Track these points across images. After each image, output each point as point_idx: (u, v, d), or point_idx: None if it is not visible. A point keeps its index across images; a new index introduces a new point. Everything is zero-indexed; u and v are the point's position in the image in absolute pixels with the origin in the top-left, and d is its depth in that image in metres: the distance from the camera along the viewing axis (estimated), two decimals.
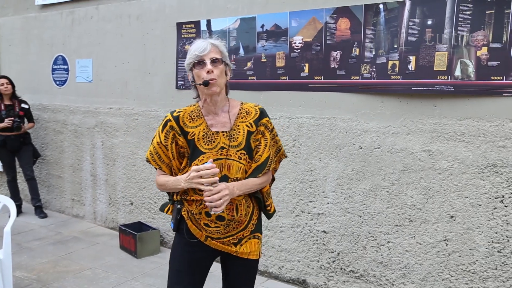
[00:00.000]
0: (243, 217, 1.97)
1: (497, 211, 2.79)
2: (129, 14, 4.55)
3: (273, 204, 2.14)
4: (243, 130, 1.97)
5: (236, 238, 1.99)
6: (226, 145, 1.93)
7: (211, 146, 1.92)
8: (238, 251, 2.01)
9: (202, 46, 1.87)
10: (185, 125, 1.96)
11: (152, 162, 2.02)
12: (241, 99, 3.98)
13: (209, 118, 1.97)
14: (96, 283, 3.61)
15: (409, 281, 3.12)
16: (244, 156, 1.94)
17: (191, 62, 1.90)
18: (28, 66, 5.64)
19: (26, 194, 5.69)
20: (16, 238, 4.50)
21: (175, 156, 1.97)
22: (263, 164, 1.97)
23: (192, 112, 2.00)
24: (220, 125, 1.97)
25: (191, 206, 1.95)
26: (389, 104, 3.13)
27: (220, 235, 1.96)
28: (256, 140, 1.99)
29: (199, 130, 1.95)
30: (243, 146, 1.94)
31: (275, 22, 3.54)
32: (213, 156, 1.90)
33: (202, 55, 1.87)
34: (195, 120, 1.97)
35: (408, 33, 2.97)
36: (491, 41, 2.71)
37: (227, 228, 1.95)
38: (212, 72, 1.86)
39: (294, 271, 3.65)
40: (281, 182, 3.63)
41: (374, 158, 3.20)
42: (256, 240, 2.05)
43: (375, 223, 3.23)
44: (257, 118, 2.01)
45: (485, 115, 2.80)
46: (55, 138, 5.45)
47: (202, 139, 1.93)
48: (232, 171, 1.92)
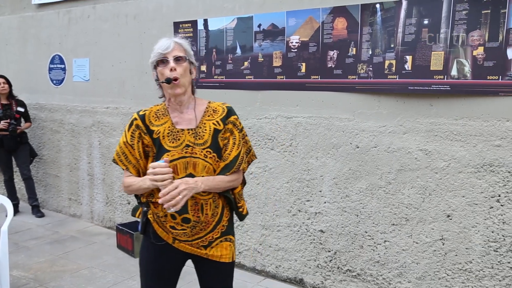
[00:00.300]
0: (209, 218, 1.92)
1: (493, 210, 2.80)
2: (126, 13, 4.55)
3: (245, 206, 2.10)
4: (209, 128, 1.93)
5: (205, 240, 1.95)
6: (191, 143, 1.90)
7: (176, 144, 1.89)
8: (209, 254, 1.97)
9: (166, 44, 1.88)
10: (150, 124, 1.94)
11: (119, 163, 1.97)
12: (238, 99, 4.02)
13: (174, 116, 1.95)
14: (93, 283, 3.61)
15: (406, 280, 3.13)
16: (211, 154, 1.91)
17: (155, 60, 1.89)
18: (25, 66, 5.63)
19: (23, 194, 5.68)
20: (13, 237, 4.50)
21: (141, 156, 1.94)
22: (231, 163, 1.93)
23: (158, 111, 1.97)
24: (186, 122, 1.94)
25: (157, 208, 1.92)
26: (386, 103, 3.13)
27: (188, 237, 1.93)
28: (225, 139, 1.96)
29: (164, 128, 1.92)
30: (209, 144, 1.91)
31: (272, 22, 3.55)
32: (178, 154, 1.87)
33: (165, 53, 1.87)
34: (161, 118, 1.95)
35: (405, 32, 2.97)
36: (487, 40, 2.72)
37: (194, 230, 1.91)
38: (175, 70, 1.85)
39: (291, 270, 3.65)
40: (278, 181, 3.64)
41: (371, 158, 3.21)
42: (227, 243, 2.01)
43: (372, 222, 3.24)
44: (225, 116, 1.98)
45: (481, 115, 2.81)
46: (52, 138, 5.44)
47: (167, 136, 1.90)
48: (197, 170, 1.88)
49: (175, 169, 1.86)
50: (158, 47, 1.89)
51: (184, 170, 1.87)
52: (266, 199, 3.72)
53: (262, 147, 3.71)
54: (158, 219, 1.94)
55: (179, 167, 1.87)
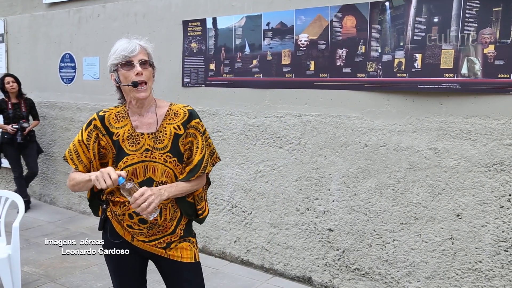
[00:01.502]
0: (167, 222, 1.91)
1: (504, 209, 2.78)
2: (136, 12, 4.57)
3: (207, 207, 2.07)
4: (169, 132, 1.91)
5: (163, 242, 1.94)
6: (150, 147, 1.87)
7: (135, 147, 1.87)
8: (169, 253, 1.95)
9: (130, 47, 1.81)
10: (110, 125, 1.91)
11: (69, 161, 1.93)
12: (247, 97, 4.03)
13: (134, 119, 1.92)
14: (103, 279, 3.64)
15: (415, 279, 3.12)
16: (171, 159, 1.89)
17: (118, 63, 1.82)
18: (36, 64, 5.69)
19: (35, 191, 5.75)
20: (24, 233, 4.55)
21: (96, 157, 1.91)
22: (196, 167, 1.91)
23: (118, 113, 1.94)
24: (146, 126, 1.91)
25: (116, 207, 1.91)
26: (395, 102, 3.12)
27: (145, 237, 1.92)
28: (186, 143, 1.93)
29: (123, 131, 1.89)
30: (169, 148, 1.89)
31: (281, 20, 3.54)
32: (138, 158, 1.86)
33: (131, 56, 1.81)
34: (121, 121, 1.92)
35: (414, 30, 2.96)
36: (498, 38, 2.69)
37: (150, 231, 1.90)
38: (142, 74, 1.81)
39: (299, 268, 3.65)
40: (286, 179, 3.64)
41: (379, 156, 3.20)
42: (187, 244, 1.99)
43: (381, 221, 3.23)
44: (186, 120, 1.93)
45: (491, 113, 2.78)
46: (62, 135, 5.49)
47: (127, 140, 1.88)
48: (157, 174, 1.87)
49: (134, 173, 1.85)
50: (122, 49, 1.81)
51: (143, 174, 1.87)
52: (275, 197, 3.72)
53: (270, 146, 3.71)
54: (116, 217, 1.93)
55: (138, 171, 1.87)
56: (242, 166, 3.90)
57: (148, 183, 1.86)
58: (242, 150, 3.89)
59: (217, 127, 4.03)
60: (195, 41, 4.07)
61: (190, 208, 2.00)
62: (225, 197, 4.03)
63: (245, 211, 3.92)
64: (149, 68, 1.87)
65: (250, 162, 3.85)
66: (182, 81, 4.21)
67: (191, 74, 4.13)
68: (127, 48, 1.81)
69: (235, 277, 3.73)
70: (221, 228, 4.08)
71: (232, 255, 4.03)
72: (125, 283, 2.03)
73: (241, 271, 3.85)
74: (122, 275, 2.01)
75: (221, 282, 3.66)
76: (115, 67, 1.84)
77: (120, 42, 1.86)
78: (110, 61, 1.85)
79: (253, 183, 3.84)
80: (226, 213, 4.04)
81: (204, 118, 4.09)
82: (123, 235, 1.95)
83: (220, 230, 4.09)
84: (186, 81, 4.18)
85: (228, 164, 3.97)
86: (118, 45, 1.85)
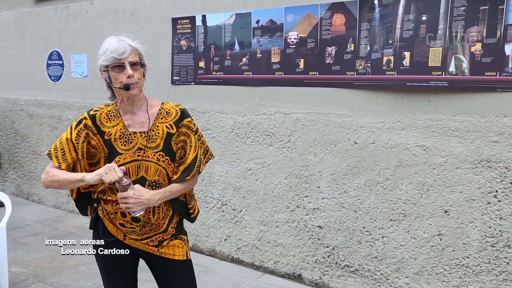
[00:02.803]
0: (160, 220, 1.93)
1: (491, 205, 2.82)
2: (124, 9, 4.54)
3: (196, 206, 2.08)
4: (162, 131, 1.90)
5: (155, 240, 1.95)
6: (143, 146, 1.87)
7: (128, 146, 1.87)
8: (161, 251, 1.96)
9: (121, 48, 1.78)
10: (102, 125, 1.89)
11: (53, 158, 1.89)
12: (236, 95, 4.02)
13: (126, 118, 1.91)
14: (92, 278, 3.62)
15: (404, 275, 3.15)
16: (163, 158, 1.89)
17: (109, 65, 1.80)
18: (23, 62, 5.62)
19: (22, 190, 5.69)
20: (11, 233, 4.50)
21: (84, 156, 1.90)
22: (190, 166, 1.92)
23: (109, 112, 1.92)
24: (138, 125, 1.90)
25: (107, 205, 1.91)
26: (384, 99, 3.14)
27: (137, 236, 1.93)
28: (179, 142, 1.93)
29: (115, 130, 1.89)
30: (162, 147, 1.89)
31: (270, 18, 3.54)
32: (130, 157, 1.86)
33: (122, 58, 1.79)
34: (112, 120, 1.90)
35: (403, 28, 2.98)
36: (485, 36, 2.72)
37: (143, 229, 1.91)
38: (133, 76, 1.80)
39: (289, 265, 3.67)
40: (276, 177, 3.65)
41: (369, 154, 3.22)
42: (178, 241, 2.00)
43: (370, 218, 3.25)
44: (178, 119, 1.94)
45: (479, 111, 2.81)
46: (50, 134, 5.43)
47: (119, 139, 1.88)
48: (150, 173, 1.87)
49: (127, 172, 1.85)
50: (112, 50, 1.78)
51: (136, 174, 1.88)
52: (265, 195, 3.73)
53: (260, 143, 3.72)
54: (108, 215, 1.93)
55: (131, 170, 1.87)
56: (232, 164, 3.90)
57: (141, 182, 1.86)
58: (232, 148, 3.89)
59: (206, 125, 4.02)
60: (184, 39, 4.05)
61: (182, 207, 2.01)
62: (215, 195, 4.03)
63: (235, 209, 3.92)
64: (140, 69, 1.85)
65: (240, 160, 3.85)
66: (172, 79, 4.19)
67: (180, 71, 4.11)
68: (117, 49, 1.78)
69: (225, 275, 3.73)
70: (211, 226, 4.08)
71: (222, 253, 4.03)
72: (116, 282, 2.02)
73: (232, 269, 3.85)
74: (113, 274, 2.00)
75: (211, 280, 3.66)
76: (105, 68, 1.82)
77: (109, 41, 1.82)
78: (100, 61, 1.83)
79: (243, 181, 3.84)
80: (216, 211, 4.04)
81: (193, 116, 4.06)
82: (115, 233, 1.94)
83: (210, 228, 4.09)
84: (176, 79, 4.16)
85: (218, 162, 3.97)
86: (107, 45, 1.81)
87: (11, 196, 5.26)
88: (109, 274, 2.01)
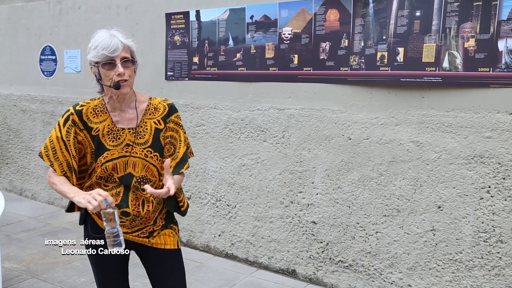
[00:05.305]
0: (150, 214, 1.92)
1: (483, 201, 2.83)
2: (118, 4, 4.51)
3: (185, 199, 2.07)
4: (150, 127, 1.90)
5: (145, 232, 1.95)
6: (131, 142, 1.87)
7: (116, 142, 1.86)
8: (152, 241, 1.97)
9: (113, 45, 1.74)
10: (89, 120, 1.86)
11: (45, 158, 1.87)
12: (230, 90, 4.01)
13: (114, 115, 1.89)
14: (86, 274, 3.61)
15: (397, 271, 3.16)
16: (152, 154, 1.89)
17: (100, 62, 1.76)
18: (16, 57, 5.57)
19: (15, 185, 5.66)
20: (4, 229, 4.48)
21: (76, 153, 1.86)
22: (182, 161, 1.93)
23: (96, 107, 1.89)
24: (126, 121, 1.89)
25: None
26: (378, 95, 3.14)
27: (127, 229, 1.92)
28: (166, 137, 1.92)
29: (103, 126, 1.86)
30: (150, 143, 1.89)
31: (265, 13, 3.53)
32: (118, 153, 1.85)
33: (113, 56, 1.75)
34: (99, 116, 1.88)
35: (397, 24, 2.98)
36: (478, 32, 2.73)
37: (133, 223, 1.91)
38: (124, 74, 1.77)
39: (283, 261, 3.67)
40: (270, 173, 3.65)
41: (362, 149, 3.22)
42: (169, 231, 2.01)
43: (364, 214, 3.26)
44: (165, 114, 1.93)
45: (472, 106, 2.82)
46: (43, 129, 5.40)
47: (107, 135, 1.86)
48: (137, 169, 1.87)
49: (114, 168, 1.84)
50: (103, 46, 1.73)
51: (123, 170, 1.87)
52: (259, 191, 3.73)
53: (254, 139, 3.71)
54: None
55: (118, 166, 1.86)
56: (226, 160, 3.90)
57: (128, 178, 1.87)
58: (226, 144, 3.89)
59: (200, 121, 4.01)
60: (178, 34, 4.03)
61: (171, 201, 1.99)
62: (209, 190, 4.02)
63: (229, 205, 3.92)
64: (131, 66, 1.82)
65: (234, 156, 3.84)
66: (166, 74, 4.17)
67: (174, 67, 4.10)
68: (109, 46, 1.73)
69: (219, 271, 3.74)
70: (206, 222, 4.08)
71: (216, 249, 4.04)
72: (108, 275, 2.02)
73: (226, 265, 3.85)
74: (104, 268, 2.00)
75: (205, 275, 3.66)
76: (96, 64, 1.78)
77: (100, 36, 1.78)
78: (90, 56, 1.78)
79: (237, 176, 3.84)
80: (210, 207, 4.04)
81: (187, 112, 4.06)
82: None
83: (205, 224, 4.09)
84: (170, 74, 4.15)
85: (212, 157, 3.96)
86: (98, 40, 1.77)
87: (4, 192, 5.24)
88: (99, 269, 2.01)
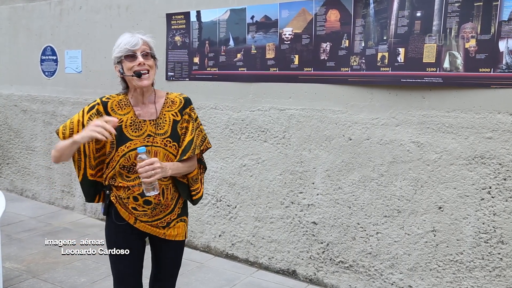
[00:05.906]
0: (169, 201, 2.10)
1: (484, 202, 2.83)
2: (118, 4, 4.51)
3: (202, 189, 2.25)
4: (169, 119, 2.08)
5: (164, 221, 2.11)
6: (152, 132, 2.04)
7: (138, 133, 2.03)
8: (166, 233, 2.13)
9: (133, 41, 1.96)
10: (113, 111, 2.04)
11: (60, 134, 2.08)
12: (231, 91, 4.01)
13: (137, 108, 2.07)
14: (86, 274, 3.61)
15: (398, 271, 3.16)
16: (171, 143, 2.06)
17: (122, 56, 1.97)
18: (16, 57, 5.58)
19: (16, 185, 5.66)
20: (5, 229, 4.48)
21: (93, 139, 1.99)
22: (186, 147, 2.07)
23: (120, 101, 2.08)
24: (148, 114, 2.07)
25: (119, 191, 2.05)
26: (379, 95, 3.14)
27: (148, 218, 2.08)
28: (182, 128, 2.10)
29: (127, 118, 2.04)
30: (169, 134, 2.06)
31: (265, 14, 3.53)
32: (140, 143, 2.01)
33: (134, 49, 1.96)
34: (123, 109, 2.06)
35: (398, 25, 2.97)
36: (479, 33, 2.73)
37: (154, 211, 2.07)
38: (144, 64, 1.96)
39: (284, 261, 3.67)
40: (271, 173, 3.65)
41: (363, 150, 3.22)
42: (182, 223, 2.19)
43: (364, 214, 3.25)
44: (182, 107, 2.12)
45: (473, 107, 2.82)
46: (44, 130, 5.40)
47: (130, 126, 2.03)
48: (159, 158, 2.01)
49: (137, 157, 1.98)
50: (125, 43, 1.96)
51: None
52: (259, 191, 3.73)
53: (255, 139, 3.71)
54: (121, 200, 2.07)
55: None
56: (226, 160, 3.90)
57: None
58: (226, 144, 3.89)
59: (201, 121, 3.99)
60: (179, 34, 4.03)
61: (183, 189, 2.15)
62: (210, 191, 4.02)
63: (230, 205, 3.92)
64: (151, 59, 2.01)
65: (235, 156, 3.84)
66: (166, 75, 4.17)
67: (175, 67, 4.10)
68: (130, 42, 1.96)
69: (220, 271, 3.73)
70: (206, 222, 4.08)
71: (217, 249, 4.03)
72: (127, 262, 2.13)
73: (226, 265, 3.85)
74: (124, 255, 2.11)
75: (206, 276, 3.66)
76: (119, 59, 1.99)
77: (123, 37, 2.00)
78: (114, 54, 2.00)
79: (238, 177, 3.84)
80: (211, 207, 4.04)
81: None
82: (127, 218, 2.08)
83: (205, 224, 4.09)
84: (170, 75, 4.15)
85: (212, 158, 3.96)
86: (121, 39, 1.99)
87: (5, 192, 5.24)
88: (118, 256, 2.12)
